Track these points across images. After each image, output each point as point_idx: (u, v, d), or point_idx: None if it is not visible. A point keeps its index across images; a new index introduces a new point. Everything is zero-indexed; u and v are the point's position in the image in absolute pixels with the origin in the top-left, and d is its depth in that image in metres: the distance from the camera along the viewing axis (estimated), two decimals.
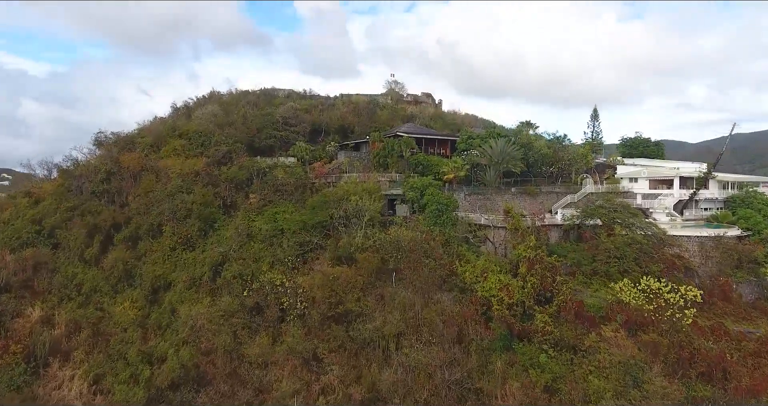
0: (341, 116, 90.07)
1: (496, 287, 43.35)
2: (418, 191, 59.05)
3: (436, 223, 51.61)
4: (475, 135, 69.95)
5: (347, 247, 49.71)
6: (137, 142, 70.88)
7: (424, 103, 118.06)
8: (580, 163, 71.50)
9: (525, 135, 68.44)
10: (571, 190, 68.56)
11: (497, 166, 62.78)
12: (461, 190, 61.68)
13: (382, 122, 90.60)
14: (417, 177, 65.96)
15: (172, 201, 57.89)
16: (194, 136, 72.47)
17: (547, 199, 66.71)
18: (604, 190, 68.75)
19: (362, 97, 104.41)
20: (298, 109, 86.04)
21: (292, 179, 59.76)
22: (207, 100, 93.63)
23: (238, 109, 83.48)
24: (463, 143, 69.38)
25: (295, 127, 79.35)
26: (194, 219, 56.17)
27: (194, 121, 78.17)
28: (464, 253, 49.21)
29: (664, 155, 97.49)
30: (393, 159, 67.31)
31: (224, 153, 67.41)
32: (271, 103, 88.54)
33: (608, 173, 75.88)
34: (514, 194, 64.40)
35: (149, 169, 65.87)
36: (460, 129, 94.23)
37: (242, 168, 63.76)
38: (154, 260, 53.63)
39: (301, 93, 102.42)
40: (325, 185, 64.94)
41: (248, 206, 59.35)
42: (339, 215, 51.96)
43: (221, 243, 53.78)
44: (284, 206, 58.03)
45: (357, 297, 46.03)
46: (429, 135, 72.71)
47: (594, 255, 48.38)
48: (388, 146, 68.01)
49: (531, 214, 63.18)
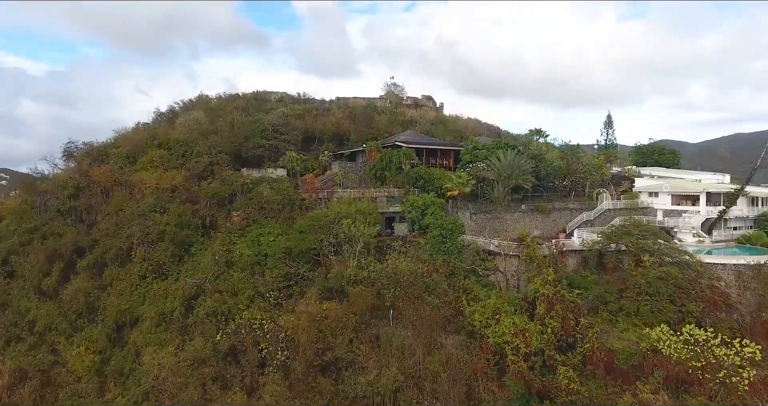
0: (336, 122, 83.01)
1: (510, 332, 36.46)
2: (418, 210, 52.14)
3: (440, 250, 44.67)
4: (480, 145, 62.94)
5: (338, 278, 42.82)
6: (111, 153, 63.81)
7: (425, 106, 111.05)
8: (595, 176, 64.48)
9: (535, 145, 61.44)
10: (587, 206, 61.57)
11: (506, 181, 55.80)
12: (466, 208, 54.73)
13: (380, 129, 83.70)
14: (417, 193, 59.17)
15: (144, 222, 50.92)
16: (175, 146, 65.41)
17: (560, 216, 59.72)
18: (622, 206, 61.80)
19: (359, 101, 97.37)
20: (289, 115, 78.91)
21: (278, 197, 52.74)
22: (195, 105, 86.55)
23: (225, 115, 76.42)
24: (468, 154, 62.35)
25: (286, 136, 72.24)
26: (168, 243, 49.20)
27: (177, 129, 71.11)
28: (471, 286, 42.29)
29: (680, 164, 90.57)
30: (391, 172, 60.37)
31: (205, 165, 60.39)
32: (262, 108, 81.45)
33: (624, 186, 68.87)
34: (525, 212, 57.43)
35: (123, 183, 58.83)
36: (463, 136, 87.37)
37: (224, 182, 56.73)
38: (120, 291, 46.70)
39: (294, 97, 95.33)
40: (316, 202, 58.04)
41: (229, 227, 52.39)
42: (329, 241, 45.04)
43: (197, 271, 46.83)
44: (270, 227, 51.10)
45: (348, 339, 39.19)
46: (430, 145, 65.68)
47: (621, 290, 41.45)
48: (385, 158, 61.03)
49: (545, 237, 56.42)
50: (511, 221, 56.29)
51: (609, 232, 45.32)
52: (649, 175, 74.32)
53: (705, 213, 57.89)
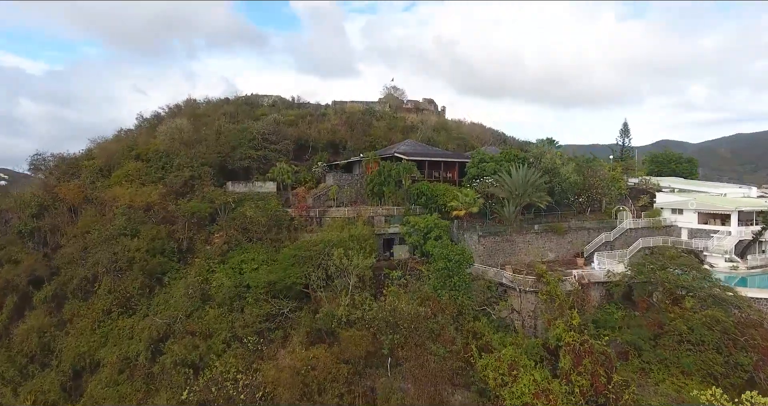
0: (332, 129, 76.55)
1: (531, 392, 30.13)
2: (420, 233, 45.77)
3: (445, 285, 38.26)
4: (488, 157, 56.42)
5: (328, 319, 36.46)
6: (83, 165, 57.38)
7: (426, 110, 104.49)
8: (613, 191, 57.99)
9: (549, 158, 54.92)
10: (605, 225, 55.10)
11: (518, 199, 49.33)
12: (473, 229, 48.28)
13: (378, 136, 77.28)
14: (419, 211, 52.82)
15: (112, 247, 44.58)
16: (154, 158, 59.02)
17: (576, 237, 53.28)
18: (643, 225, 55.33)
19: (357, 106, 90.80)
20: (281, 123, 72.42)
21: (263, 219, 46.30)
22: (182, 110, 79.99)
23: (212, 122, 69.91)
24: (475, 168, 55.82)
25: (276, 145, 65.76)
26: (137, 272, 42.84)
27: (158, 138, 64.61)
28: (482, 329, 35.90)
29: (698, 173, 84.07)
30: (390, 188, 53.93)
31: (185, 180, 53.95)
32: (252, 115, 74.96)
33: (643, 200, 62.39)
34: (538, 233, 50.99)
35: (93, 200, 52.49)
36: (467, 143, 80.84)
37: (205, 200, 50.35)
38: (80, 330, 40.38)
39: (288, 101, 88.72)
40: (307, 221, 51.64)
41: (209, 251, 45.99)
42: (318, 275, 38.65)
43: (168, 306, 40.51)
44: (254, 251, 44.79)
45: (339, 394, 32.90)
46: (432, 157, 59.17)
47: (657, 335, 35.05)
48: (384, 172, 54.59)
49: (560, 261, 50.07)
50: (523, 244, 49.87)
51: (639, 264, 38.90)
52: (668, 187, 67.83)
53: (737, 234, 51.43)
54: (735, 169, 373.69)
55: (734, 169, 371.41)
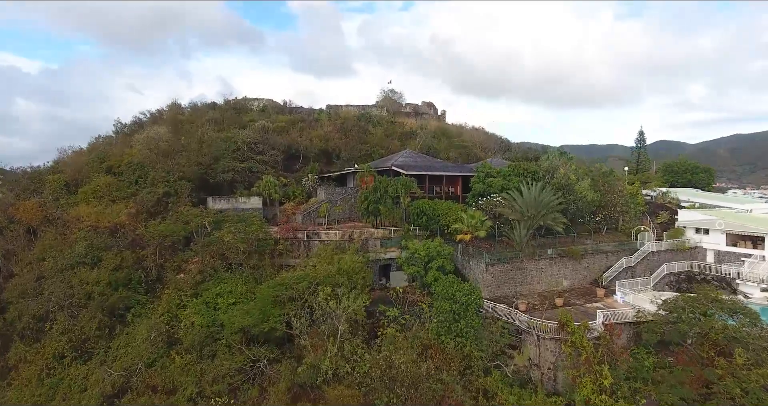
0: (325, 136, 70.44)
1: None
2: (421, 263, 39.74)
3: (450, 331, 32.23)
4: (495, 172, 50.39)
5: (311, 372, 30.49)
6: (47, 180, 51.18)
7: (426, 114, 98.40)
8: (632, 208, 51.99)
9: (563, 174, 48.89)
10: (625, 247, 49.12)
11: (530, 222, 43.31)
12: (480, 256, 42.24)
13: (375, 143, 71.20)
14: (419, 231, 46.93)
15: (69, 279, 38.50)
16: (127, 171, 52.86)
17: (593, 261, 47.30)
18: (667, 247, 49.39)
19: (352, 110, 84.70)
20: (269, 130, 66.27)
21: (242, 245, 40.16)
22: (164, 115, 73.74)
23: (194, 130, 63.73)
24: (480, 183, 49.76)
25: (264, 156, 59.62)
26: (95, 309, 36.72)
27: (134, 148, 58.45)
28: (494, 386, 29.96)
29: (714, 182, 78.11)
30: (387, 206, 47.83)
31: (158, 198, 47.81)
32: (239, 121, 68.69)
33: (663, 216, 56.41)
34: (552, 258, 44.97)
35: (55, 221, 46.36)
36: (470, 152, 74.76)
37: (179, 221, 44.22)
38: (27, 379, 34.27)
39: (279, 105, 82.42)
40: (294, 244, 45.59)
41: (180, 281, 39.88)
42: (301, 321, 32.54)
43: (128, 352, 34.44)
44: (231, 282, 38.66)
45: None
46: (434, 172, 53.02)
47: (702, 396, 29.11)
48: (380, 188, 48.47)
49: (577, 289, 44.18)
50: (535, 271, 43.88)
51: (676, 307, 32.83)
52: (687, 201, 61.90)
53: None
54: (734, 169, 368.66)
55: (733, 170, 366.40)
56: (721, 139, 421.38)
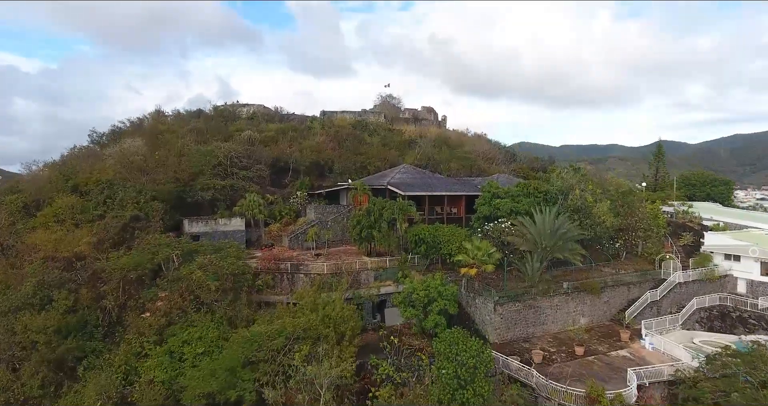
0: (317, 147, 64.61)
1: None
2: (420, 305, 33.96)
3: (454, 399, 26.45)
4: (502, 192, 44.60)
5: None
6: (4, 201, 45.36)
7: (425, 119, 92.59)
8: (654, 233, 46.20)
9: (579, 195, 43.08)
10: (648, 277, 43.38)
11: (544, 253, 37.53)
12: (488, 294, 36.48)
13: (371, 154, 65.41)
14: (417, 260, 41.24)
15: (10, 324, 32.75)
16: (94, 190, 46.99)
17: (614, 295, 41.50)
18: (695, 277, 43.63)
19: (347, 118, 78.87)
20: (256, 142, 60.40)
21: (214, 284, 34.34)
22: (145, 123, 67.90)
23: (175, 141, 57.90)
24: (486, 205, 44.01)
25: (248, 171, 53.83)
26: (38, 363, 31.00)
27: (106, 162, 52.63)
28: None
29: (732, 195, 72.25)
30: (382, 232, 42.03)
31: (125, 223, 42.00)
32: (224, 131, 62.77)
33: (685, 238, 50.63)
34: (569, 293, 39.18)
35: (7, 250, 40.59)
36: (473, 164, 68.86)
37: (148, 251, 38.37)
38: None
39: (270, 112, 76.40)
40: (277, 276, 39.84)
41: (144, 325, 34.07)
42: (276, 385, 26.76)
43: None
44: (202, 327, 32.75)
45: None
46: (434, 192, 47.08)
47: None
48: (374, 211, 42.67)
49: (595, 329, 38.48)
50: (550, 309, 38.10)
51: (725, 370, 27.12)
52: (711, 220, 56.06)
53: None
54: (734, 170, 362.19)
55: (733, 171, 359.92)
56: (722, 140, 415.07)
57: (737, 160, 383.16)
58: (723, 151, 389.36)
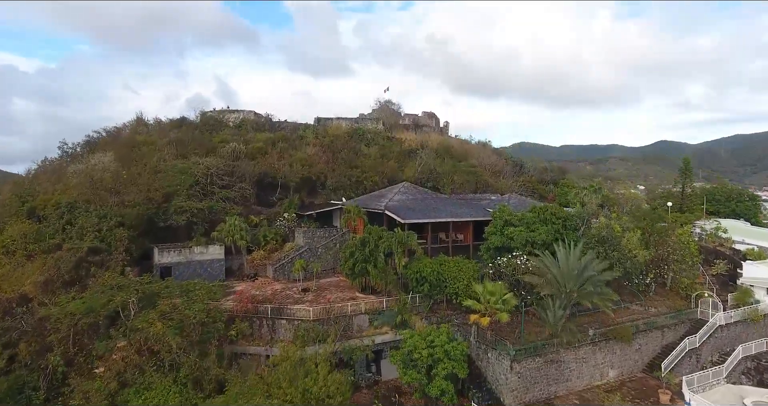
0: (309, 160, 58.26)
1: None
2: (422, 364, 27.84)
3: None
4: (515, 219, 38.34)
5: None
6: None
7: (426, 126, 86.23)
8: (688, 265, 40.00)
9: (604, 224, 36.84)
10: (683, 318, 37.25)
11: (568, 299, 31.36)
12: (503, 347, 30.37)
13: (368, 167, 59.20)
14: (419, 300, 35.12)
15: None
16: (52, 215, 40.86)
17: (646, 341, 35.32)
18: (737, 318, 37.49)
19: (343, 125, 72.62)
20: (242, 155, 54.11)
21: (176, 340, 28.19)
22: (123, 133, 61.58)
23: (151, 155, 51.67)
24: (498, 234, 37.81)
25: (230, 190, 47.63)
26: None
27: (70, 181, 46.45)
28: None
29: (760, 211, 65.99)
30: (378, 267, 35.85)
31: (81, 256, 35.83)
32: (206, 144, 56.38)
33: (718, 267, 44.41)
34: (596, 342, 33.04)
35: None
36: (479, 177, 62.56)
37: (101, 295, 32.18)
38: None
39: (260, 121, 69.84)
40: (255, 321, 33.71)
41: (90, 390, 27.94)
42: None
43: None
44: (160, 391, 26.83)
45: None
46: (437, 219, 40.73)
47: None
48: (369, 243, 36.48)
49: (626, 383, 32.37)
50: (575, 363, 31.99)
51: None
52: (742, 243, 49.86)
53: None
54: (735, 170, 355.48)
55: (734, 171, 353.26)
56: (722, 140, 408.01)
57: (738, 160, 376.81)
58: (723, 152, 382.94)
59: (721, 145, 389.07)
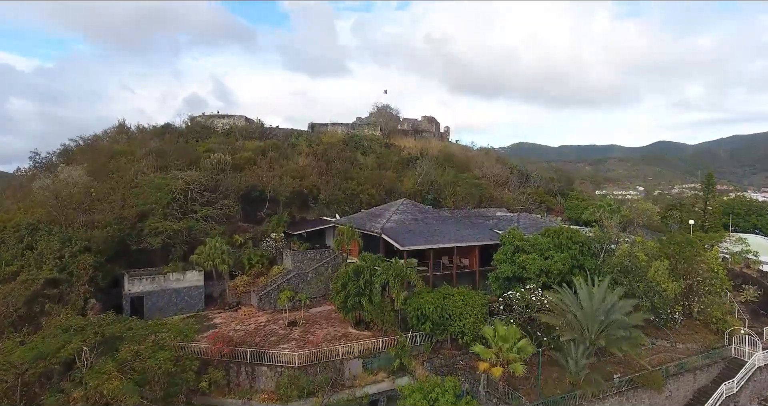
0: (301, 171, 53.66)
1: None
2: None
3: None
4: (528, 244, 33.85)
5: None
6: None
7: (426, 131, 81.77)
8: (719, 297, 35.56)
9: (626, 251, 32.34)
10: (716, 357, 32.86)
11: (593, 346, 26.89)
12: (518, 404, 25.93)
13: (364, 178, 54.80)
14: (420, 339, 30.75)
15: None
16: (9, 239, 36.25)
17: (676, 386, 30.94)
18: None
19: (339, 131, 68.17)
20: (227, 167, 49.50)
21: (133, 400, 23.70)
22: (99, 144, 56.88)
23: (128, 167, 47.06)
24: (508, 264, 33.35)
25: (211, 208, 43.02)
26: None
27: (36, 198, 41.86)
28: None
29: None
30: (374, 303, 31.36)
31: (36, 290, 31.27)
32: (189, 154, 51.69)
33: (747, 293, 40.02)
34: (621, 391, 28.60)
35: None
36: (483, 190, 58.00)
37: (54, 339, 27.67)
38: None
39: (250, 127, 65.09)
40: (233, 369, 29.19)
41: None
42: None
43: None
44: None
45: None
46: (441, 245, 36.10)
47: None
48: (363, 273, 31.99)
49: None
50: None
51: None
52: None
53: None
54: (734, 171, 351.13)
55: (733, 172, 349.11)
56: (721, 140, 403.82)
57: (737, 161, 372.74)
58: (723, 152, 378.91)
59: (720, 146, 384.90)
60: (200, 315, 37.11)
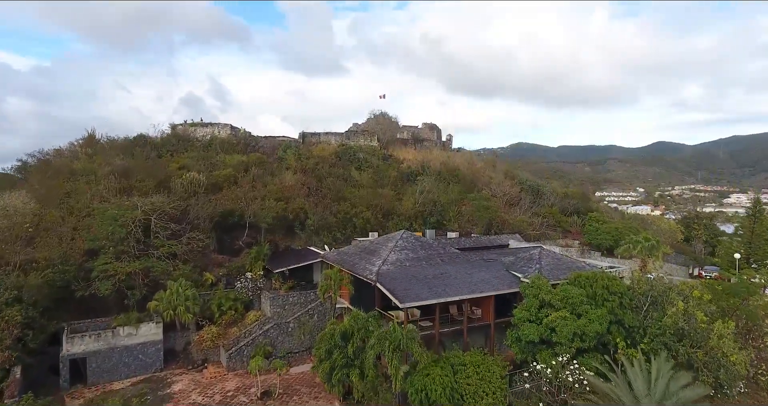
0: (287, 191, 46.55)
1: None
2: None
3: None
4: (556, 298, 26.80)
5: None
6: None
7: (427, 140, 74.82)
8: None
9: (681, 309, 25.45)
10: None
11: None
12: None
13: (359, 199, 47.72)
14: None
15: None
16: None
17: None
18: None
19: (333, 142, 61.13)
20: (200, 189, 42.38)
21: None
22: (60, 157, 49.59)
23: (85, 191, 39.98)
24: (533, 325, 26.36)
25: (176, 243, 35.87)
26: None
27: None
28: None
29: None
30: (366, 379, 24.38)
31: None
32: (157, 174, 44.45)
33: None
34: None
35: None
36: (492, 213, 50.87)
37: None
38: None
39: (234, 138, 57.85)
40: None
41: None
42: None
43: None
44: None
45: None
46: (449, 298, 28.96)
47: None
48: (354, 339, 25.03)
49: None
50: None
51: None
52: None
53: None
54: (733, 172, 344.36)
55: (732, 172, 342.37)
56: (720, 141, 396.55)
57: (736, 161, 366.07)
58: (722, 153, 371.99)
59: (719, 147, 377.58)
60: (157, 377, 30.19)
